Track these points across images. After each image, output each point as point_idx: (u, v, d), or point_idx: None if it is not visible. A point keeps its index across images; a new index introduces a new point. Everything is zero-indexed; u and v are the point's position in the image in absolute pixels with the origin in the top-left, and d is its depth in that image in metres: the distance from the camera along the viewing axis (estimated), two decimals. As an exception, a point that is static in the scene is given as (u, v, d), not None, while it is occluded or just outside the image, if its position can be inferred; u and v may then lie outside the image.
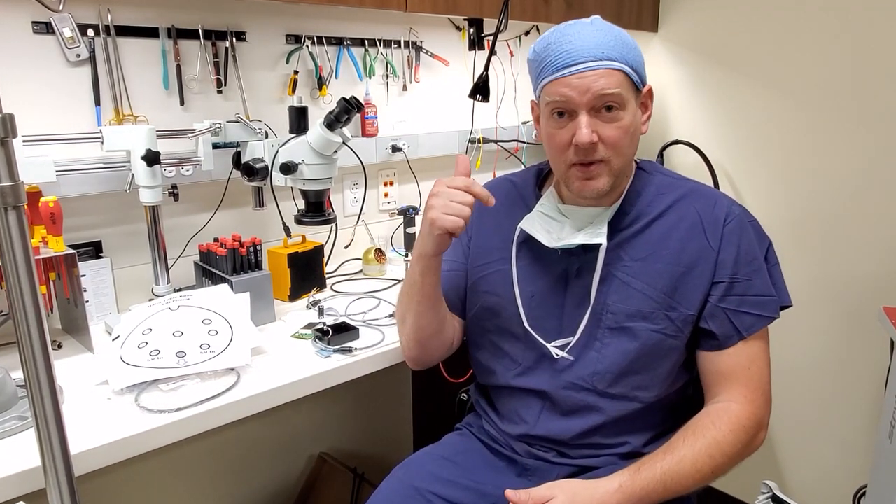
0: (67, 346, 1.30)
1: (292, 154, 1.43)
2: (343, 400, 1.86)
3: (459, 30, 1.99)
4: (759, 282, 1.04)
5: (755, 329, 1.03)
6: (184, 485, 1.59)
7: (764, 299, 1.04)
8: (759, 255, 1.05)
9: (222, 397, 1.10)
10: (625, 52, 0.98)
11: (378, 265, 1.77)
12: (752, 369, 1.03)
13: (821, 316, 1.89)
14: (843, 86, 1.76)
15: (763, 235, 1.08)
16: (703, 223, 1.04)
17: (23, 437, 0.98)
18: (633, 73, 0.99)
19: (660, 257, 1.04)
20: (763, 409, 1.04)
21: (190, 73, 1.51)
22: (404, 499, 1.06)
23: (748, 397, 1.02)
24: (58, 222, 1.20)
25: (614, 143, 0.98)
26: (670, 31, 2.12)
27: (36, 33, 1.30)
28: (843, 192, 1.80)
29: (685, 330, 1.04)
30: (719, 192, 1.10)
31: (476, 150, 2.08)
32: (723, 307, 1.03)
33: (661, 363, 1.05)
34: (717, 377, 1.05)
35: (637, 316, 1.04)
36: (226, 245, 1.40)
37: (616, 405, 1.06)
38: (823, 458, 1.96)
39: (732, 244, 1.03)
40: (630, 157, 1.05)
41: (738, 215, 1.05)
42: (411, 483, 1.09)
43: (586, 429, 1.07)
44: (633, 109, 1.00)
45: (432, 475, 1.10)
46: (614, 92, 0.96)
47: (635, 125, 1.01)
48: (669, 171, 1.14)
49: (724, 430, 0.99)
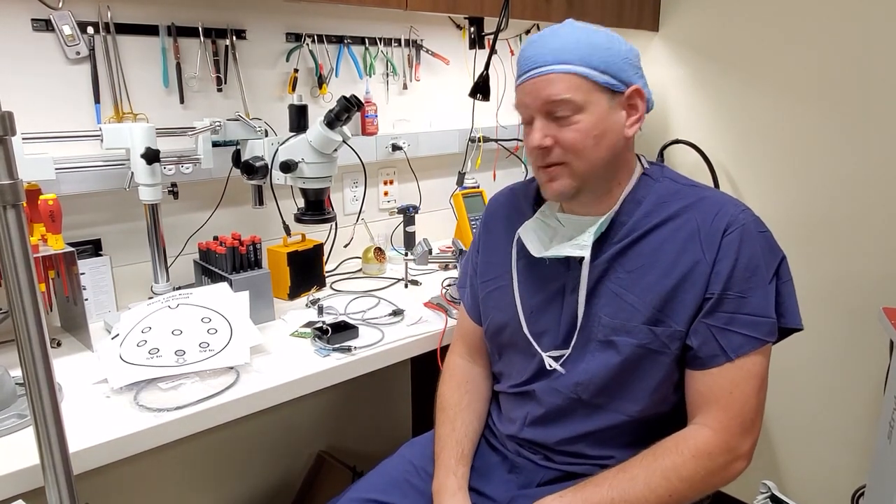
0: (66, 345, 1.30)
1: (292, 152, 1.42)
2: (342, 398, 1.86)
3: (460, 28, 1.99)
4: (757, 300, 0.96)
5: (744, 351, 0.95)
6: (183, 483, 1.59)
7: (759, 320, 0.96)
8: (762, 270, 0.96)
9: (221, 396, 1.10)
10: (587, 54, 0.96)
11: (378, 264, 1.77)
12: (735, 394, 0.95)
13: (821, 316, 1.89)
14: (844, 85, 1.76)
15: (775, 249, 1.00)
16: (701, 233, 0.97)
17: (21, 436, 0.98)
18: (600, 74, 0.96)
19: (652, 269, 0.99)
20: (739, 438, 0.95)
21: (190, 70, 1.50)
22: (401, 473, 1.15)
23: (723, 424, 0.95)
24: (57, 220, 1.20)
25: (571, 146, 0.98)
26: (671, 30, 2.12)
27: (35, 31, 1.30)
28: (844, 191, 1.80)
29: (672, 345, 0.99)
30: (732, 199, 1.01)
31: (476, 149, 2.07)
32: (708, 323, 0.96)
33: (646, 378, 1.01)
34: (697, 397, 0.99)
35: (621, 329, 1.00)
36: (225, 243, 1.39)
37: (600, 416, 1.05)
38: (822, 458, 1.96)
39: (729, 256, 0.96)
40: (599, 160, 0.99)
41: (745, 225, 0.97)
42: (411, 460, 1.17)
43: (570, 437, 1.07)
44: (600, 112, 0.97)
45: (431, 458, 1.15)
46: (563, 97, 0.96)
47: (602, 128, 0.97)
48: (681, 178, 1.07)
49: (685, 456, 0.94)
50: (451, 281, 1.56)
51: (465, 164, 2.06)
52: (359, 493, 1.12)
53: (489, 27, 1.76)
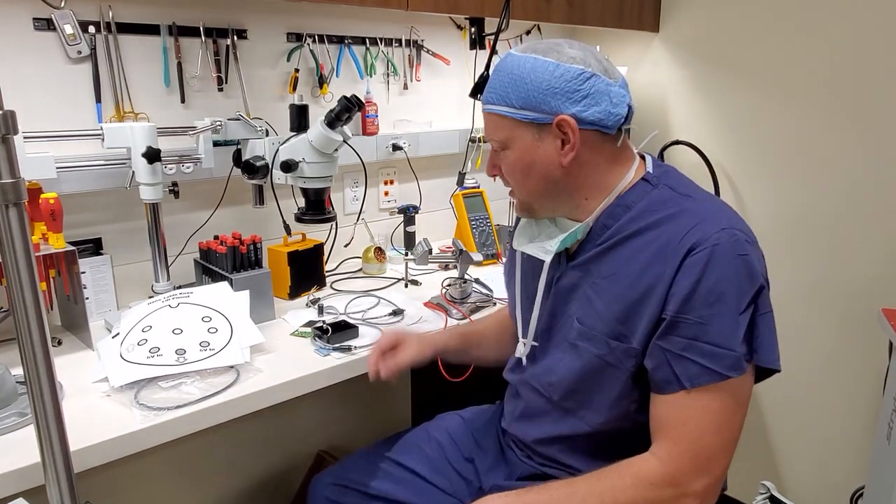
0: (67, 343, 1.30)
1: (293, 152, 1.43)
2: (342, 398, 1.86)
3: (461, 29, 1.99)
4: (719, 328, 0.87)
5: (700, 382, 0.88)
6: (182, 482, 1.59)
7: (719, 351, 0.87)
8: (730, 297, 0.87)
9: (221, 395, 1.10)
10: (506, 91, 0.96)
11: (378, 264, 1.77)
12: (689, 427, 0.89)
13: (820, 317, 1.89)
14: (844, 87, 1.76)
15: (754, 276, 0.89)
16: (668, 248, 0.91)
17: (22, 434, 0.98)
18: (517, 110, 0.96)
19: (621, 279, 0.96)
20: (689, 476, 0.89)
21: (191, 70, 1.51)
22: (420, 441, 1.28)
23: (671, 455, 0.89)
24: (58, 219, 1.21)
25: (507, 178, 1.04)
26: (671, 31, 2.12)
27: (37, 30, 1.30)
28: (843, 193, 1.80)
29: (626, 362, 0.95)
30: (717, 215, 0.93)
31: (476, 150, 2.07)
32: (662, 346, 0.91)
33: (606, 390, 0.99)
34: (654, 423, 0.94)
35: (586, 336, 0.99)
36: (226, 243, 1.40)
37: (569, 422, 1.05)
38: (821, 459, 1.96)
39: (690, 276, 0.88)
40: (533, 190, 1.01)
41: (717, 245, 0.88)
42: (429, 433, 1.30)
43: (544, 437, 1.09)
44: (524, 146, 0.97)
45: (446, 432, 1.28)
46: (493, 137, 1.01)
47: (528, 161, 0.98)
48: (681, 185, 1.00)
49: (626, 481, 0.91)
50: (451, 281, 1.56)
51: (465, 164, 2.07)
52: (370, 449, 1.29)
53: (490, 28, 1.76)
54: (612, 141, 0.98)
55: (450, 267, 1.82)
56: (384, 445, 1.29)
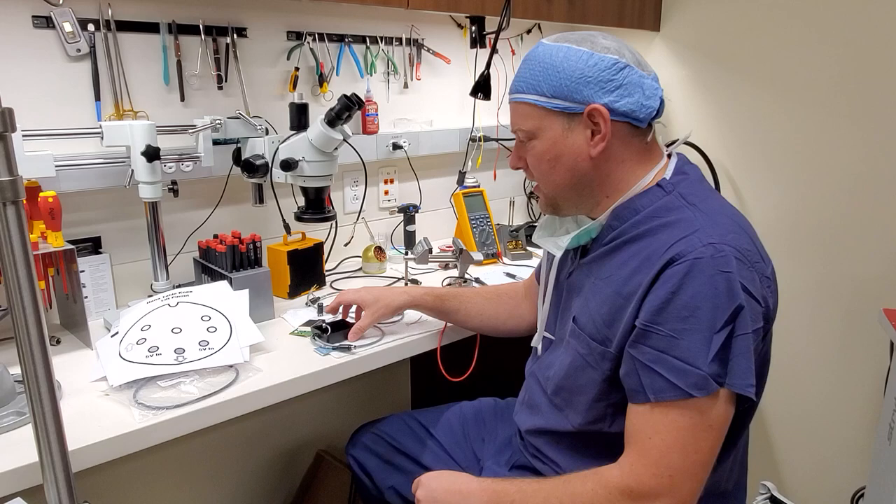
0: (66, 342, 1.30)
1: (293, 151, 1.42)
2: (342, 397, 1.86)
3: (461, 27, 1.99)
4: (689, 344, 0.85)
5: (665, 397, 0.86)
6: (181, 481, 1.59)
7: (686, 367, 0.84)
8: (705, 314, 0.84)
9: (220, 394, 1.09)
10: (537, 80, 0.96)
11: (378, 263, 1.76)
12: (654, 441, 0.87)
13: (821, 317, 1.89)
14: (845, 86, 1.75)
15: (733, 295, 0.85)
16: (653, 257, 0.90)
17: (20, 433, 0.98)
18: (548, 99, 0.95)
19: (613, 283, 0.96)
20: (648, 490, 0.86)
21: (190, 68, 1.50)
22: (451, 416, 1.38)
23: (634, 467, 0.88)
24: (57, 217, 1.20)
25: (532, 170, 1.03)
26: (672, 30, 2.11)
27: (36, 28, 1.30)
28: (845, 192, 1.80)
29: (602, 365, 0.95)
30: (711, 230, 0.89)
31: (477, 149, 2.07)
32: (633, 355, 0.90)
33: (584, 391, 1.00)
34: (626, 431, 0.92)
35: (577, 334, 1.00)
36: (225, 242, 1.39)
37: (555, 417, 1.06)
38: (822, 460, 1.96)
39: (665, 288, 0.86)
40: (560, 182, 1.00)
41: (698, 260, 0.86)
42: (462, 410, 1.39)
43: (534, 428, 1.11)
44: (553, 136, 0.97)
45: (475, 413, 1.38)
46: (521, 126, 1.00)
47: (556, 152, 0.97)
48: (691, 194, 0.97)
49: (587, 487, 0.90)
50: (451, 280, 1.56)
51: (465, 163, 2.06)
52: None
53: (490, 26, 1.75)
54: (641, 135, 0.98)
55: (450, 266, 1.81)
56: (423, 413, 1.41)
